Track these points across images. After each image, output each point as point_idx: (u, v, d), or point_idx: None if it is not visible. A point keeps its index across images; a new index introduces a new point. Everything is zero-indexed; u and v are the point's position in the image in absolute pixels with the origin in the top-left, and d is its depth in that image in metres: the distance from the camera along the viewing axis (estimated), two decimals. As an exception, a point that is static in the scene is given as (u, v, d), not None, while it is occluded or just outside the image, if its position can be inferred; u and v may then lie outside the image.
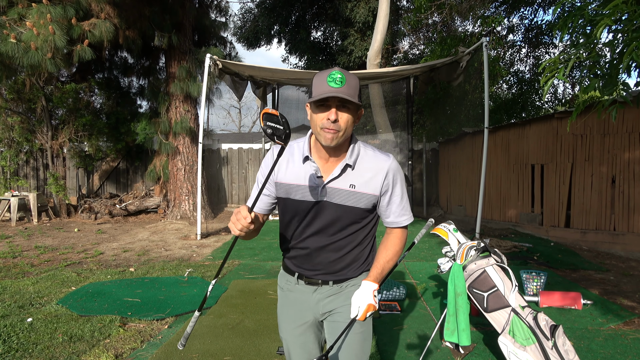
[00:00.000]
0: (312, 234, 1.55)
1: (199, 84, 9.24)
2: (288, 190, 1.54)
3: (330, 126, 1.40)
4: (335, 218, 1.52)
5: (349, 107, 1.42)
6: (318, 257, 1.57)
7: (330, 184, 1.50)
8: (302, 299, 1.62)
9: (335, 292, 1.61)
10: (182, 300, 4.04)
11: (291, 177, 1.53)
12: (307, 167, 1.51)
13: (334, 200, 1.51)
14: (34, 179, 11.55)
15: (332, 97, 1.37)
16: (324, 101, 1.41)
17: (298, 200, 1.53)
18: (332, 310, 1.61)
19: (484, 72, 6.75)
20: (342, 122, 1.41)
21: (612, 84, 2.37)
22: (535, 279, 3.99)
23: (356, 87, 1.42)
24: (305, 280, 1.61)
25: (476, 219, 6.67)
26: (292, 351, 1.66)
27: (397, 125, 9.94)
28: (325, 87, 1.38)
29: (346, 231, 1.55)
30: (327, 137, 1.41)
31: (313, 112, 1.45)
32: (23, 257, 5.97)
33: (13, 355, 2.90)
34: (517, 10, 11.11)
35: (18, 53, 6.40)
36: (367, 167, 1.52)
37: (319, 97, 1.38)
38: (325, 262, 1.57)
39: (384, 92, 10.18)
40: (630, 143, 6.24)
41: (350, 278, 1.61)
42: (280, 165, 1.55)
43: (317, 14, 14.88)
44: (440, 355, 2.92)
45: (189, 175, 9.65)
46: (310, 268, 1.59)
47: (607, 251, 6.29)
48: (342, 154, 1.51)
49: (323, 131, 1.42)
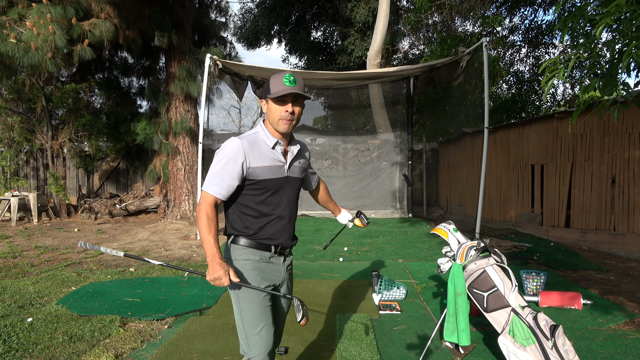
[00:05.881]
0: (286, 204, 1.93)
1: (199, 84, 9.24)
2: (263, 172, 1.84)
3: (287, 117, 1.80)
4: (295, 189, 1.97)
5: (300, 101, 1.84)
6: (290, 223, 1.97)
7: (292, 162, 1.93)
8: (275, 268, 1.95)
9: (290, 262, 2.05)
10: (182, 300, 4.04)
11: (264, 161, 1.84)
12: (276, 151, 1.88)
13: (293, 175, 1.95)
14: (34, 179, 11.55)
15: (291, 93, 1.77)
16: (282, 97, 1.79)
17: (273, 179, 1.87)
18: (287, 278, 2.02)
19: (484, 72, 6.74)
20: (297, 113, 1.84)
21: (612, 84, 2.37)
22: (535, 279, 3.99)
23: (303, 85, 1.85)
24: (279, 250, 1.94)
25: (476, 219, 6.67)
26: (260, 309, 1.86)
27: (397, 125, 9.94)
28: (283, 86, 1.77)
29: (297, 198, 2.01)
30: (285, 126, 1.82)
31: (271, 106, 1.82)
32: (23, 257, 5.97)
33: (13, 355, 2.90)
34: (517, 10, 11.10)
35: (18, 53, 6.40)
36: (302, 147, 2.02)
37: (281, 94, 1.76)
38: (292, 228, 2.00)
39: (384, 92, 10.18)
40: (630, 143, 6.24)
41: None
42: (253, 154, 1.83)
43: (317, 14, 14.88)
44: (440, 355, 2.92)
45: (189, 175, 9.65)
46: (286, 236, 1.94)
47: (607, 251, 6.29)
48: (289, 138, 1.93)
49: (282, 121, 1.81)
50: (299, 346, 3.04)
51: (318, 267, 5.36)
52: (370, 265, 5.41)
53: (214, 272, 1.73)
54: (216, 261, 1.76)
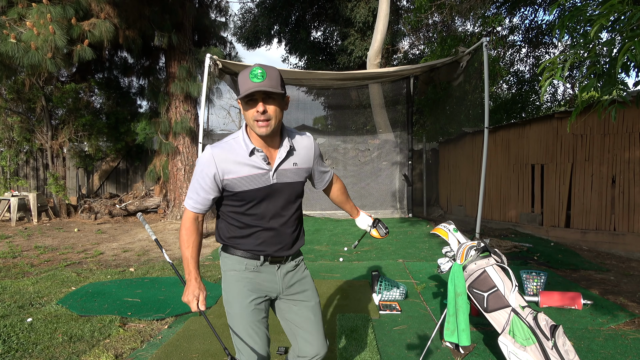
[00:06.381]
0: (273, 215, 1.71)
1: (199, 83, 9.24)
2: (241, 183, 1.65)
3: (260, 118, 1.55)
4: (288, 195, 1.72)
5: (274, 97, 1.56)
6: (282, 234, 1.74)
7: (280, 167, 1.69)
8: (269, 277, 1.77)
9: (293, 268, 1.82)
10: (182, 300, 4.03)
11: (241, 171, 1.64)
12: (255, 158, 1.65)
13: (284, 180, 1.70)
14: (34, 179, 11.55)
15: (257, 91, 1.51)
16: (250, 96, 1.54)
17: (253, 189, 1.66)
18: (294, 284, 1.81)
19: (484, 72, 6.73)
20: (271, 112, 1.56)
21: (611, 83, 2.37)
22: (535, 279, 3.99)
23: (277, 77, 1.55)
24: (271, 259, 1.75)
25: (476, 219, 6.66)
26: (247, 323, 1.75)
27: (397, 125, 9.94)
28: (250, 83, 1.51)
29: (295, 205, 1.77)
30: (261, 129, 1.57)
31: (244, 108, 1.59)
32: (23, 257, 5.97)
33: (13, 355, 2.90)
34: (517, 10, 11.10)
35: (18, 53, 6.40)
36: (300, 146, 1.75)
37: (245, 94, 1.52)
38: (287, 237, 1.76)
39: (384, 92, 10.18)
40: (631, 143, 6.23)
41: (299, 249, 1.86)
42: (226, 164, 1.64)
43: (317, 14, 14.88)
44: (440, 355, 2.92)
45: (189, 175, 9.64)
46: (277, 247, 1.74)
47: (607, 251, 6.29)
48: (277, 139, 1.69)
49: (256, 124, 1.57)
50: (298, 346, 3.04)
51: (318, 267, 5.36)
52: (370, 265, 5.41)
53: (185, 294, 1.71)
54: (190, 282, 1.72)
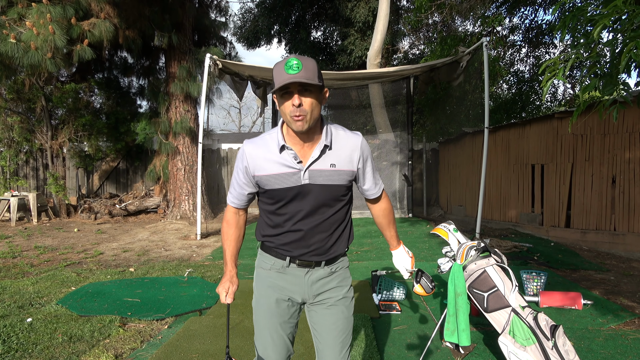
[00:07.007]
0: (303, 217, 1.61)
1: (199, 83, 9.24)
2: (270, 181, 1.59)
3: (296, 112, 1.45)
4: (321, 198, 1.60)
5: (311, 90, 1.47)
6: (312, 238, 1.63)
7: (312, 167, 1.57)
8: (295, 281, 1.68)
9: (328, 275, 1.69)
10: (182, 300, 4.04)
11: (271, 168, 1.58)
12: (285, 155, 1.57)
13: (317, 182, 1.58)
14: (34, 179, 11.55)
15: (292, 82, 1.42)
16: (285, 89, 1.45)
17: (283, 189, 1.58)
18: (324, 291, 1.69)
19: (484, 72, 6.74)
20: (307, 106, 1.47)
21: (613, 83, 2.36)
22: (536, 279, 3.99)
23: (314, 69, 1.45)
24: (298, 262, 1.66)
25: (476, 219, 6.67)
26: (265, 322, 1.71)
27: (397, 125, 9.93)
28: (284, 75, 1.43)
29: (332, 209, 1.64)
30: (297, 124, 1.48)
31: (279, 102, 1.51)
32: (23, 257, 5.96)
33: (13, 355, 2.89)
34: (517, 10, 11.10)
35: (18, 53, 6.40)
36: (342, 145, 1.61)
37: (280, 86, 1.43)
38: (318, 242, 1.64)
39: (384, 92, 10.17)
40: (631, 143, 6.23)
41: (339, 255, 1.70)
42: (257, 161, 1.60)
43: (317, 14, 14.87)
44: (440, 356, 2.91)
45: (189, 175, 9.64)
46: (304, 250, 1.64)
47: (607, 251, 6.29)
48: (315, 137, 1.58)
49: (292, 119, 1.48)
50: (299, 346, 3.03)
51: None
52: (370, 265, 5.41)
53: (219, 286, 1.74)
54: (225, 275, 1.75)
